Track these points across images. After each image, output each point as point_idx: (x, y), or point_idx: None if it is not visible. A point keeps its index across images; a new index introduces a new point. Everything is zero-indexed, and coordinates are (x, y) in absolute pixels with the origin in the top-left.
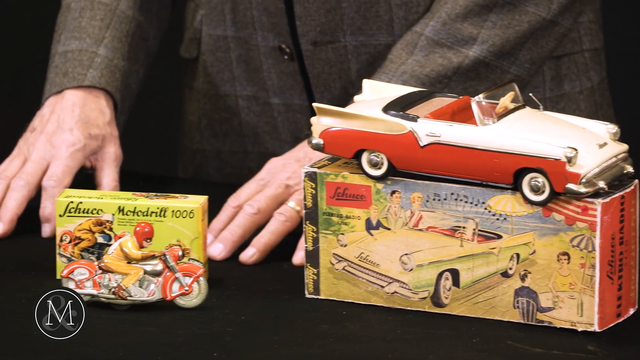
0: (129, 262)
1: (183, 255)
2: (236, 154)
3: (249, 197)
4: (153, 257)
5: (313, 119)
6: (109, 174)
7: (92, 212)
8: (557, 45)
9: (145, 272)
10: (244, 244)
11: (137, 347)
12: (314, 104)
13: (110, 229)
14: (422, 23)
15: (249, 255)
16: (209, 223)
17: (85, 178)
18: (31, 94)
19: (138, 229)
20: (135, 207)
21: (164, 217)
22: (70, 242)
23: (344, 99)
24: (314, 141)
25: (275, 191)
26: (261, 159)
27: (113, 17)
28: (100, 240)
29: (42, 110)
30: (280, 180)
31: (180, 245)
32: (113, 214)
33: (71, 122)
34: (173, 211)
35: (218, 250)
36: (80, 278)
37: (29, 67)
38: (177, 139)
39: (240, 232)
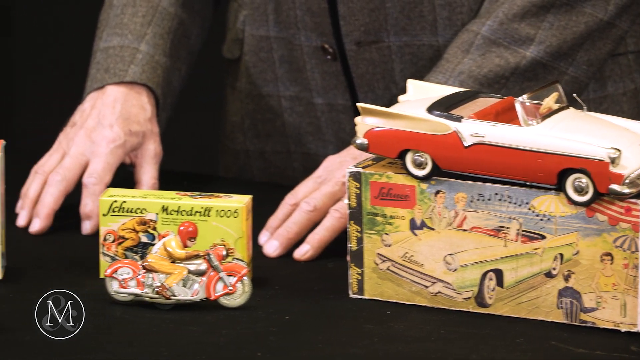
0: (172, 262)
1: (227, 255)
2: (279, 154)
3: (305, 195)
4: (197, 256)
5: (357, 119)
6: (148, 171)
7: (136, 212)
8: (614, 47)
9: (189, 272)
10: (298, 242)
11: (180, 347)
12: (358, 104)
13: (154, 228)
14: (479, 22)
15: (303, 251)
16: (255, 221)
17: (125, 176)
18: (73, 93)
19: (182, 228)
20: (179, 207)
21: (208, 216)
22: (113, 241)
23: (388, 99)
24: (358, 141)
25: (332, 189)
26: (304, 159)
27: (155, 13)
28: (144, 239)
29: (83, 105)
30: (336, 178)
31: (224, 245)
32: (157, 213)
33: (112, 117)
34: (217, 211)
35: (273, 247)
36: (124, 277)
37: (71, 64)
38: (218, 139)
39: (296, 229)
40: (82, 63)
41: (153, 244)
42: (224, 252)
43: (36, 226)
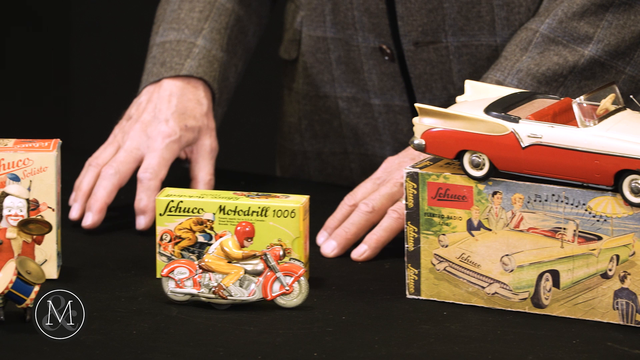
0: (229, 262)
1: (284, 255)
2: (337, 155)
3: (364, 196)
4: (254, 256)
5: (415, 120)
6: (204, 167)
7: (192, 211)
8: None
9: (246, 272)
10: (356, 242)
11: (237, 347)
12: (416, 105)
13: (211, 228)
14: (537, 20)
15: (360, 252)
16: (312, 222)
17: (181, 173)
18: (128, 91)
19: (239, 228)
20: (236, 207)
21: (265, 216)
22: (170, 241)
23: (445, 100)
24: (415, 142)
25: (390, 190)
26: (362, 160)
27: (212, 9)
28: (201, 239)
29: (139, 98)
30: (395, 179)
31: (281, 245)
32: (214, 213)
33: (167, 112)
34: (274, 211)
35: (331, 247)
36: (181, 277)
37: (126, 63)
38: (274, 140)
39: (354, 230)
40: (136, 60)
41: (210, 244)
42: (281, 252)
43: (89, 220)
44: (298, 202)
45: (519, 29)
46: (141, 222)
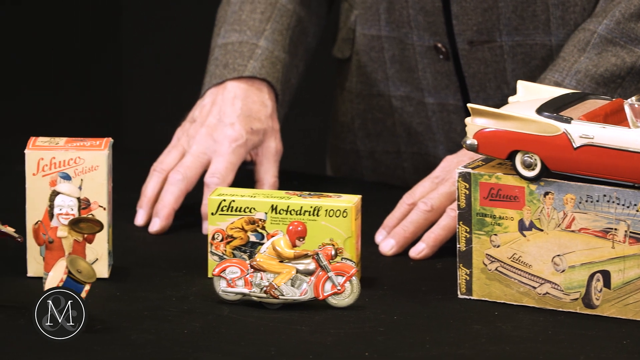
0: (281, 261)
1: (336, 255)
2: (390, 154)
3: (423, 195)
4: (306, 256)
5: (467, 120)
6: (269, 169)
7: (244, 211)
8: None
9: (298, 271)
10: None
11: (288, 346)
12: (469, 105)
13: (263, 228)
14: (595, 21)
15: (418, 250)
16: (365, 221)
17: (245, 174)
18: (180, 91)
19: (291, 227)
20: (288, 206)
21: (317, 216)
22: (222, 240)
23: (499, 99)
24: (468, 142)
25: (449, 189)
26: (415, 159)
27: (274, 10)
28: (253, 238)
29: (203, 100)
30: (454, 178)
31: (333, 245)
32: (266, 213)
33: (233, 115)
34: (326, 210)
35: (389, 246)
36: (232, 277)
37: (177, 63)
38: (326, 139)
39: (413, 228)
40: (187, 60)
41: (262, 244)
42: (333, 252)
43: (156, 226)
44: (350, 201)
45: (574, 28)
46: (207, 227)
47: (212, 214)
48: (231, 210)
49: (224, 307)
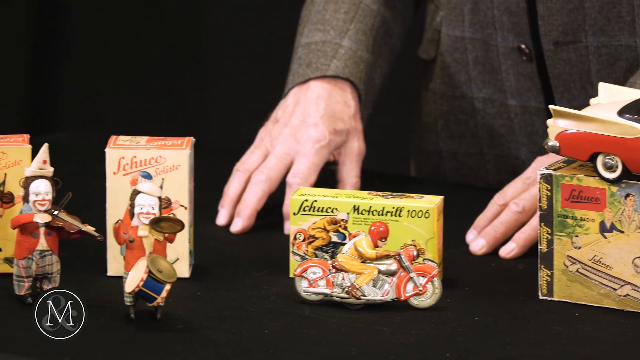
0: (363, 262)
1: (418, 255)
2: (472, 156)
3: (514, 195)
4: (388, 256)
5: (549, 121)
6: (351, 170)
7: (326, 211)
8: None
9: (380, 272)
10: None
11: (369, 347)
12: (551, 107)
13: (345, 228)
14: None
15: (508, 250)
16: (447, 222)
17: (326, 174)
18: (263, 90)
19: (373, 228)
20: (370, 206)
21: (400, 216)
22: (304, 240)
23: (584, 100)
24: (550, 143)
25: None
26: (497, 161)
27: (357, 10)
28: (335, 239)
29: (286, 101)
30: None
31: (415, 245)
32: (348, 213)
33: (316, 116)
34: (409, 211)
35: (479, 245)
36: (314, 277)
37: (261, 62)
38: (408, 139)
39: (504, 229)
40: (269, 60)
41: (343, 244)
42: (415, 253)
43: (238, 226)
44: (432, 202)
45: None
46: (289, 227)
47: (294, 214)
48: (313, 211)
49: (306, 307)
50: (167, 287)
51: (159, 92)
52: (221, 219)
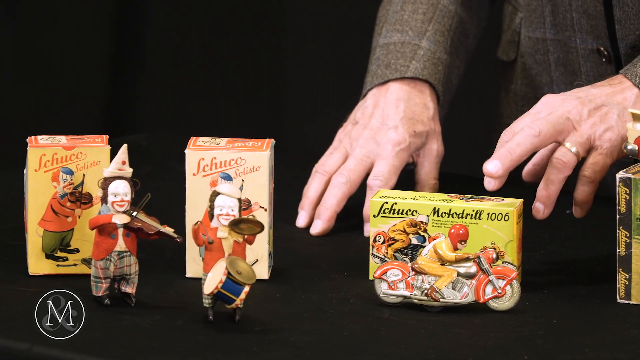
0: (442, 264)
1: (497, 258)
2: None
3: (523, 128)
4: (467, 259)
5: (628, 125)
6: (430, 172)
7: (406, 213)
8: None
9: (459, 274)
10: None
11: (448, 349)
12: (630, 110)
13: (425, 231)
14: None
15: (538, 210)
16: (525, 225)
17: (404, 175)
18: (340, 91)
19: (452, 230)
20: (450, 209)
21: (479, 219)
22: (383, 242)
23: None
24: (629, 147)
25: (557, 120)
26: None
27: (435, 11)
28: (414, 241)
29: (365, 102)
30: (561, 112)
31: (494, 248)
32: (428, 215)
33: (396, 118)
34: (488, 214)
35: (494, 166)
36: (393, 279)
37: (338, 64)
38: (485, 140)
39: (519, 150)
40: (347, 62)
41: (423, 246)
42: (494, 255)
43: (317, 228)
44: (512, 205)
45: None
46: (369, 229)
47: (374, 216)
48: (393, 213)
49: (385, 309)
50: (246, 288)
51: (238, 93)
52: (301, 221)
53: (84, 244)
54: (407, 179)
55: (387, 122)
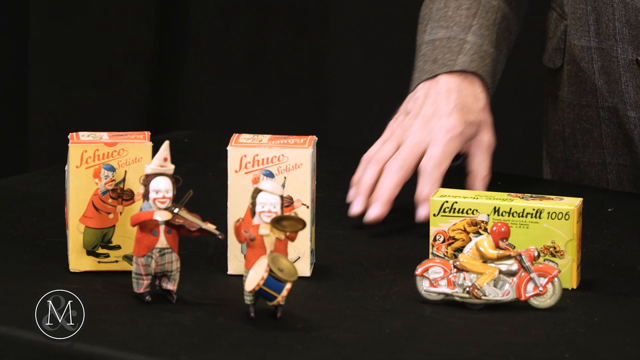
0: (484, 262)
1: (539, 256)
2: (595, 166)
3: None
4: (509, 257)
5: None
6: (481, 162)
7: (467, 212)
8: None
9: (501, 272)
10: None
11: (489, 347)
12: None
13: (485, 230)
14: None
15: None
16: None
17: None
18: (384, 89)
19: (494, 228)
20: (510, 208)
21: (539, 218)
22: (443, 241)
23: None
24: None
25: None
26: (619, 171)
27: (479, 6)
28: None
29: (416, 94)
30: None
31: (555, 246)
32: (488, 215)
33: (448, 107)
34: (549, 213)
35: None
36: (435, 277)
37: (383, 62)
38: (539, 144)
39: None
40: (391, 60)
41: None
42: (536, 253)
43: (374, 213)
44: (572, 204)
45: None
46: (422, 213)
47: (434, 215)
48: (453, 212)
49: (426, 306)
50: (288, 286)
51: (281, 90)
52: (356, 208)
53: (126, 240)
54: (455, 180)
55: (439, 110)
